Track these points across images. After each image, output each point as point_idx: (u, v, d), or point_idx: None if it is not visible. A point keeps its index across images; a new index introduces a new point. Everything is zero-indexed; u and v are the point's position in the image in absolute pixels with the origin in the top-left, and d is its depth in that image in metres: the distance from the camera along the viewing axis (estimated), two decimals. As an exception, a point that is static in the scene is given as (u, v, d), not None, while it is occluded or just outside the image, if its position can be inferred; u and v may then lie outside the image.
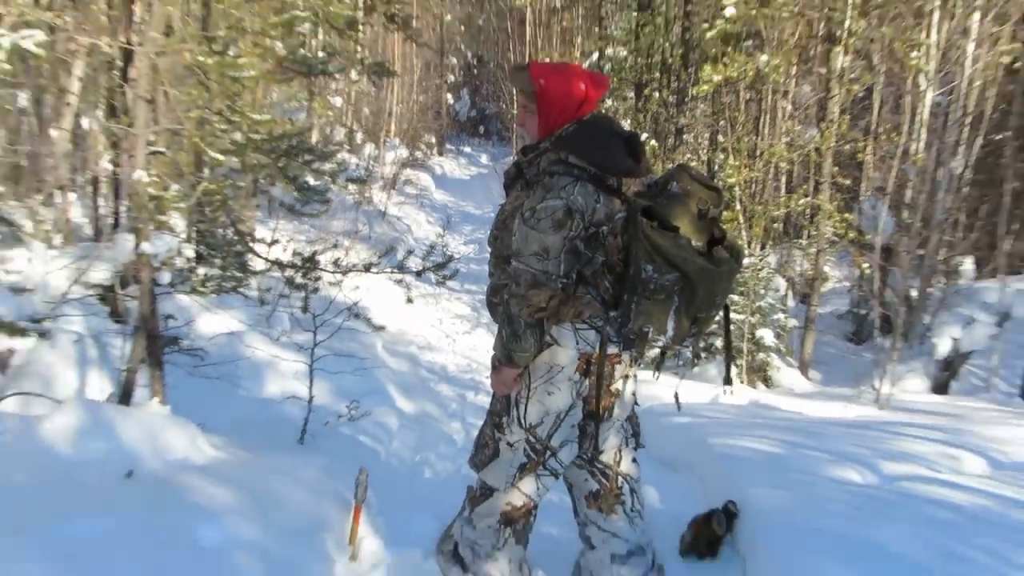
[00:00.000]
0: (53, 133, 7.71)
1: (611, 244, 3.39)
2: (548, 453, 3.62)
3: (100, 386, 6.34)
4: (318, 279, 5.75)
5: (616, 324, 3.42)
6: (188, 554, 3.45)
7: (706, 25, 12.24)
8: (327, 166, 5.75)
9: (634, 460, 3.83)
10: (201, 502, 3.91)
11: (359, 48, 19.32)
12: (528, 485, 3.69)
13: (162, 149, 5.98)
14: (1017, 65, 12.32)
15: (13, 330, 3.94)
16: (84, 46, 6.30)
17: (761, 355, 9.87)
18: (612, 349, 3.55)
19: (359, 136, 23.13)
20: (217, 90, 5.75)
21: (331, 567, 3.82)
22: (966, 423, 6.59)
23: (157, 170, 5.59)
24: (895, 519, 3.98)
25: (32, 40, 4.15)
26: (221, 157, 5.31)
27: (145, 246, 5.35)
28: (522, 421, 3.60)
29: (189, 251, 6.95)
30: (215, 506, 3.88)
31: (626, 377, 3.69)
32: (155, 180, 5.46)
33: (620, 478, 3.75)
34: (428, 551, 4.21)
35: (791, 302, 11.98)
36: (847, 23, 11.50)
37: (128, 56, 5.89)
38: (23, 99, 8.01)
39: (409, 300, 10.61)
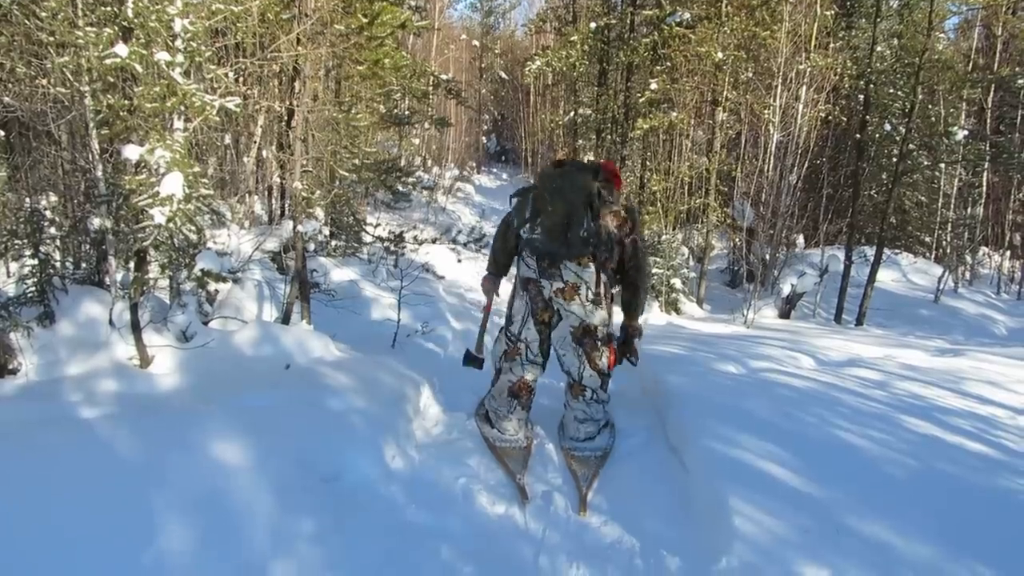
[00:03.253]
0: (244, 160, 7.59)
1: None
2: (519, 339, 3.68)
3: (270, 313, 6.26)
4: (404, 248, 5.64)
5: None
6: (323, 416, 3.37)
7: (639, 95, 12.03)
8: (410, 179, 5.63)
9: (593, 369, 3.65)
10: (331, 384, 3.83)
11: (430, 109, 19.19)
12: (516, 369, 3.74)
13: (310, 169, 5.87)
14: (829, 118, 12.11)
15: (219, 278, 3.87)
16: (264, 107, 6.16)
17: (673, 295, 9.74)
18: (531, 275, 3.54)
19: (429, 162, 23.06)
20: (344, 134, 5.63)
21: (410, 424, 3.72)
22: (801, 336, 6.49)
23: (307, 182, 5.50)
24: (757, 396, 3.88)
25: (233, 103, 4.00)
26: (346, 174, 5.19)
27: (299, 228, 5.25)
28: (507, 321, 3.77)
29: (326, 230, 6.85)
30: (339, 386, 3.80)
31: (560, 303, 3.51)
32: (306, 188, 5.35)
33: (584, 382, 3.68)
34: (469, 414, 4.13)
35: (691, 262, 11.83)
36: (724, 93, 11.28)
37: (290, 113, 5.78)
38: (227, 138, 7.95)
39: (459, 260, 10.49)
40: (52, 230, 4.99)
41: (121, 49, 3.62)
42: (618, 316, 3.83)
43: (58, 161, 5.33)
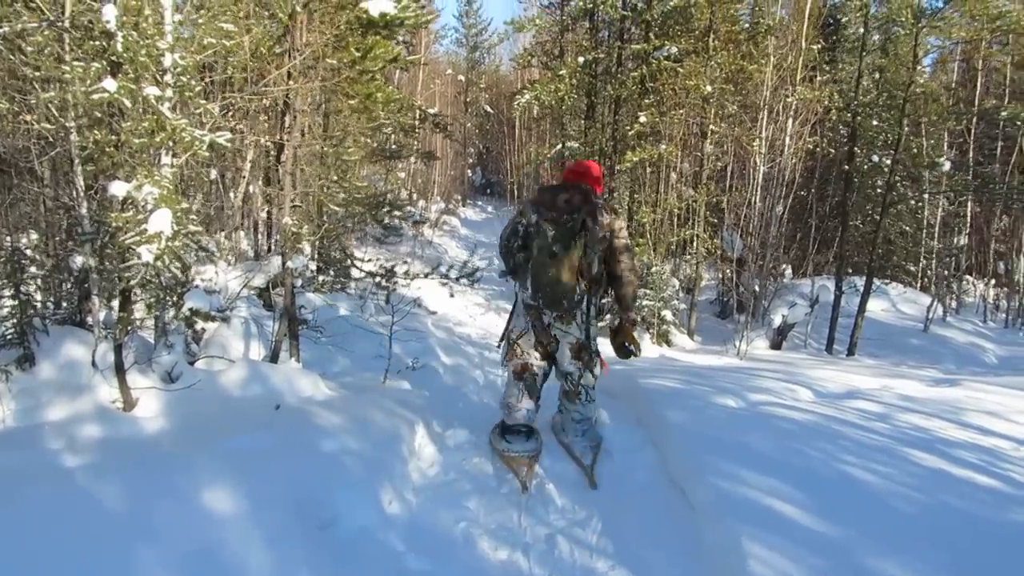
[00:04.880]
0: (231, 195, 7.52)
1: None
2: (515, 343, 4.12)
3: (258, 350, 6.14)
4: (396, 283, 5.57)
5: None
6: (317, 459, 3.27)
7: (628, 128, 12.12)
8: (400, 213, 5.59)
9: (590, 375, 4.12)
10: (323, 424, 3.73)
11: (416, 143, 19.27)
12: (516, 360, 4.13)
13: (299, 204, 5.82)
14: (816, 149, 12.25)
15: (208, 317, 3.78)
16: (253, 142, 6.12)
17: (664, 327, 9.70)
18: (528, 296, 3.96)
19: (415, 195, 23.12)
20: (333, 168, 5.59)
21: (405, 466, 3.62)
22: (796, 368, 6.42)
23: (296, 217, 5.44)
24: (759, 430, 3.80)
25: (224, 138, 3.96)
26: (336, 208, 5.13)
27: (288, 263, 5.17)
28: (508, 329, 4.21)
29: (313, 265, 6.78)
30: (331, 427, 3.71)
31: (562, 330, 4.02)
32: (295, 223, 5.29)
33: (580, 386, 4.11)
34: (467, 455, 4.04)
35: (681, 293, 11.83)
36: (711, 125, 11.40)
37: (280, 148, 5.73)
38: (213, 173, 7.89)
39: (451, 295, 10.44)
40: (33, 269, 4.89)
41: (109, 84, 3.57)
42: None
43: (40, 198, 5.24)
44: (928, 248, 15.74)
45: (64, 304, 4.93)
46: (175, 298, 3.75)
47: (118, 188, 3.72)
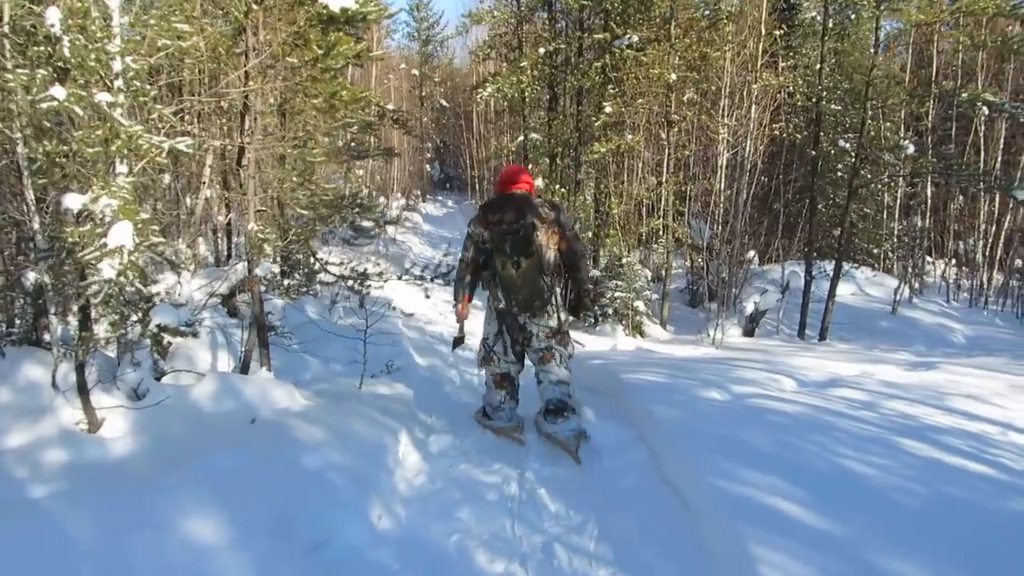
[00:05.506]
0: (189, 201, 7.27)
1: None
2: (491, 350, 4.52)
3: (227, 361, 5.94)
4: (369, 286, 5.44)
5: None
6: (300, 476, 3.14)
7: (594, 118, 12.08)
8: (372, 214, 5.45)
9: (561, 344, 4.43)
10: (303, 438, 3.61)
11: (376, 139, 19.07)
12: (493, 368, 4.55)
13: (264, 208, 5.64)
14: (782, 135, 12.34)
15: (176, 332, 3.60)
16: (211, 146, 5.90)
17: (637, 318, 9.69)
18: (502, 306, 4.36)
19: (375, 193, 22.86)
20: (297, 170, 5.43)
21: (392, 477, 3.52)
22: (775, 356, 6.44)
23: (261, 222, 5.28)
24: (751, 425, 3.77)
25: (184, 143, 3.78)
26: (302, 211, 4.98)
27: (257, 271, 5.01)
28: (484, 335, 4.60)
29: (276, 268, 6.61)
30: (312, 440, 3.59)
31: (533, 322, 4.37)
32: (260, 228, 5.12)
33: (553, 350, 4.40)
34: (453, 461, 3.95)
35: (652, 283, 11.84)
36: (675, 113, 11.42)
37: (241, 151, 5.55)
38: (167, 179, 7.61)
39: (427, 296, 10.30)
40: None
41: (58, 91, 3.38)
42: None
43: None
44: (889, 230, 16.02)
45: (18, 323, 4.69)
46: (140, 314, 3.58)
47: (72, 201, 3.53)
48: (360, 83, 23.08)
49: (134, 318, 3.58)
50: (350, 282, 5.31)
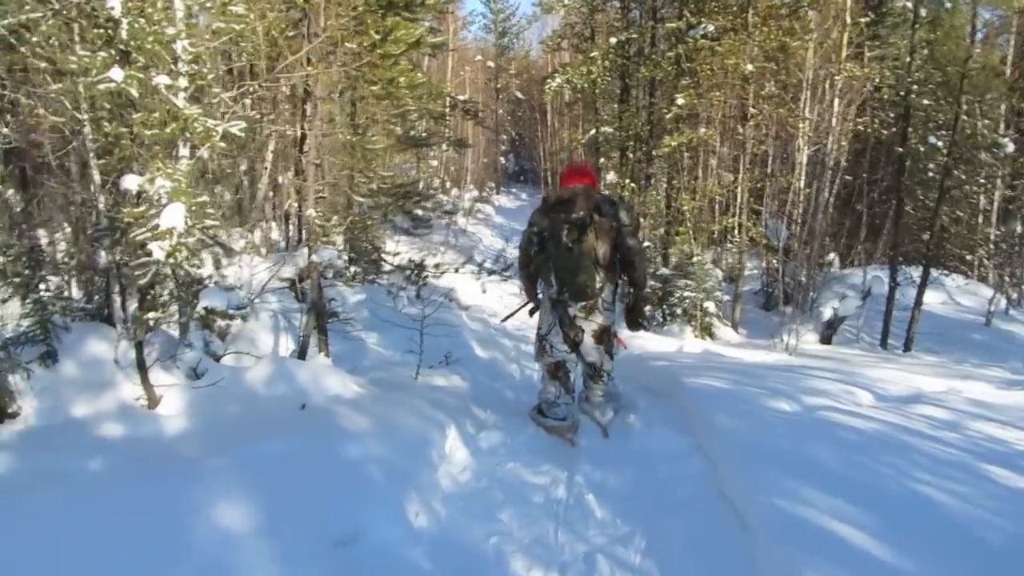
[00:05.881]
0: (259, 187, 7.37)
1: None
2: (545, 340, 4.52)
3: (287, 345, 6.00)
4: (426, 277, 5.39)
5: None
6: (339, 468, 3.08)
7: (665, 111, 11.76)
8: (429, 204, 5.40)
9: (609, 357, 4.56)
10: (348, 427, 3.55)
11: (447, 130, 19.16)
12: (547, 359, 4.56)
13: (324, 195, 5.66)
14: (867, 130, 11.73)
15: (225, 316, 3.61)
16: (274, 131, 5.95)
17: (707, 319, 9.38)
18: (553, 292, 4.36)
19: (448, 183, 23.03)
20: (359, 157, 5.41)
21: (435, 472, 3.43)
22: (852, 366, 6.06)
23: (321, 209, 5.29)
24: (819, 440, 3.51)
25: (237, 127, 3.78)
26: (361, 199, 4.95)
27: (313, 257, 5.02)
28: (538, 328, 4.61)
29: (344, 256, 6.63)
30: (357, 430, 3.53)
31: (586, 320, 4.35)
32: (320, 215, 5.13)
33: (601, 371, 4.54)
34: (501, 460, 3.84)
35: (724, 284, 11.46)
36: (752, 106, 11.00)
37: (303, 137, 5.57)
38: (244, 165, 7.74)
39: (483, 291, 10.22)
40: (69, 261, 4.80)
41: (116, 73, 3.41)
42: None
43: (62, 195, 5.14)
44: (985, 235, 15.10)
45: (96, 298, 4.83)
46: (189, 297, 3.59)
47: (130, 182, 3.58)
48: (435, 74, 23.23)
49: (185, 300, 3.59)
50: (407, 272, 5.24)
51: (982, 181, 12.01)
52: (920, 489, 2.94)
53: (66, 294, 4.71)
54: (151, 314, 3.45)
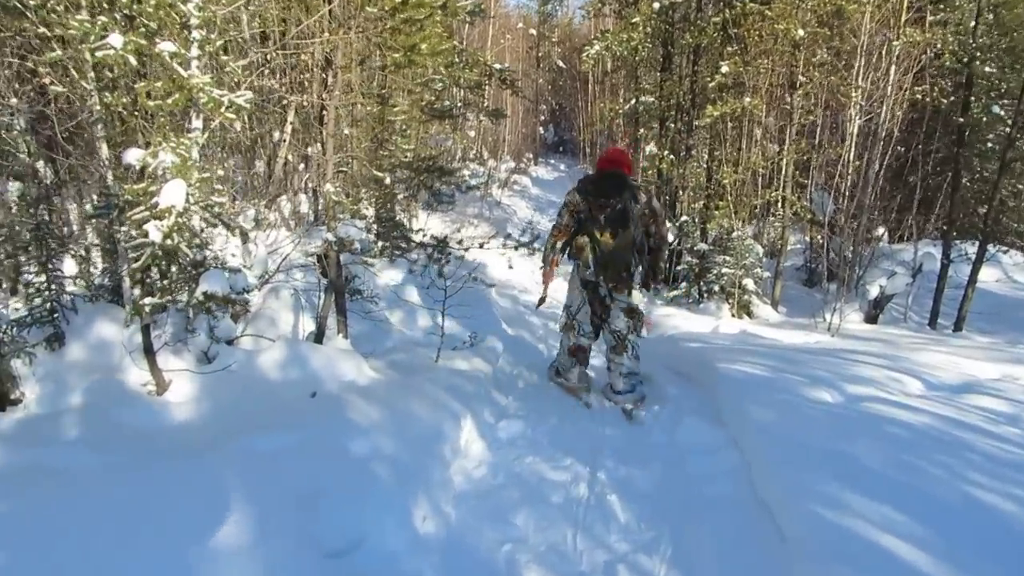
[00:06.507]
0: (278, 159, 7.17)
1: None
2: (574, 319, 4.82)
3: (306, 325, 5.85)
4: (449, 254, 5.17)
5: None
6: (343, 466, 2.89)
7: (708, 79, 11.28)
8: (452, 179, 5.16)
9: (635, 332, 4.72)
10: (357, 419, 3.36)
11: (484, 100, 18.83)
12: (572, 337, 4.85)
13: (344, 169, 5.46)
14: (926, 99, 11.10)
15: (227, 301, 3.44)
16: (293, 101, 5.74)
17: (745, 297, 9.03)
18: (588, 273, 4.65)
19: (485, 154, 22.74)
20: (379, 129, 5.19)
21: (447, 468, 3.24)
22: (899, 350, 5.70)
23: (339, 184, 5.10)
24: (864, 437, 3.22)
25: (244, 98, 3.57)
26: (379, 174, 4.73)
27: (329, 236, 4.84)
28: (568, 304, 4.90)
29: (364, 233, 6.44)
30: (366, 422, 3.34)
31: (614, 296, 4.67)
32: (338, 190, 4.93)
33: (627, 341, 4.69)
34: (520, 453, 3.64)
35: (764, 260, 11.03)
36: (802, 74, 10.47)
37: (322, 108, 5.36)
38: (276, 134, 7.52)
39: (510, 267, 9.97)
40: (91, 237, 4.68)
41: (115, 39, 3.22)
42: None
43: (86, 167, 5.02)
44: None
45: (107, 279, 4.72)
46: (189, 281, 3.43)
47: (132, 156, 3.40)
48: (475, 43, 22.79)
49: (182, 284, 3.42)
50: (429, 250, 5.03)
51: None
52: (978, 495, 2.67)
53: (85, 271, 4.61)
54: (148, 299, 3.28)
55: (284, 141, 5.95)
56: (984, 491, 2.70)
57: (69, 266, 4.72)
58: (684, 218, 11.27)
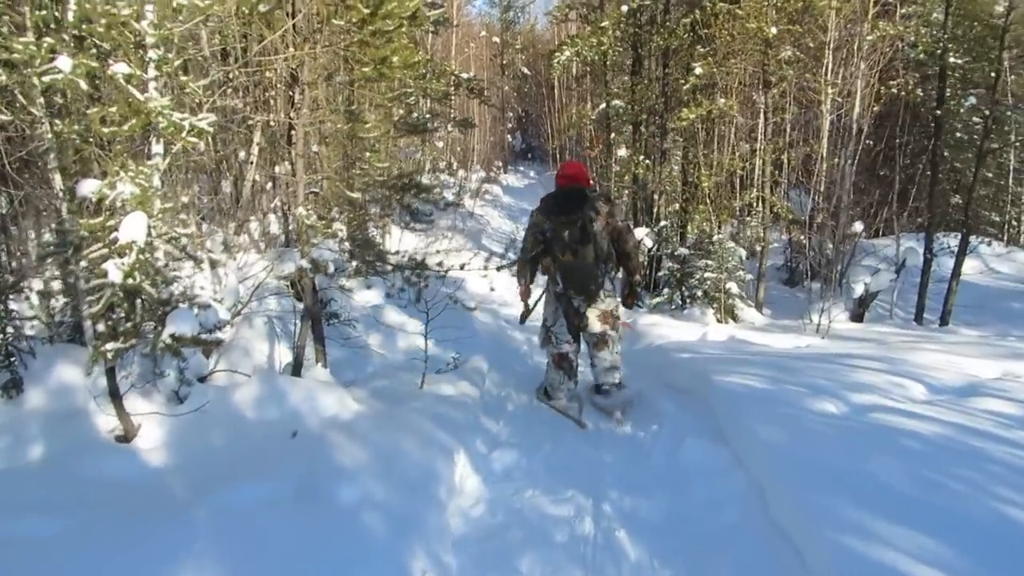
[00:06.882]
0: (245, 183, 6.90)
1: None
2: (551, 331, 4.97)
3: (283, 354, 5.60)
4: (427, 277, 4.98)
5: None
6: (330, 516, 2.68)
7: (681, 80, 11.21)
8: (431, 196, 4.97)
9: (614, 330, 4.85)
10: (342, 461, 3.16)
11: (451, 110, 18.67)
12: (552, 348, 4.97)
13: (317, 191, 5.24)
14: (901, 93, 11.14)
15: (197, 342, 3.20)
16: (258, 121, 5.50)
17: (730, 300, 8.91)
18: (559, 289, 4.80)
19: (455, 165, 22.58)
20: (351, 147, 4.99)
21: (443, 512, 3.03)
22: (893, 351, 5.58)
23: (311, 206, 4.87)
24: (880, 452, 3.08)
25: (205, 121, 3.35)
26: (353, 195, 4.52)
27: (303, 262, 4.62)
28: (544, 319, 5.06)
29: (337, 255, 6.21)
30: (352, 464, 3.13)
31: (589, 308, 4.78)
32: (310, 213, 4.71)
33: (607, 337, 4.82)
34: (518, 486, 3.45)
35: (745, 260, 10.92)
36: (773, 72, 10.44)
37: (290, 127, 5.14)
38: (242, 153, 7.24)
39: (492, 289, 9.79)
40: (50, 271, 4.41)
41: (64, 63, 2.99)
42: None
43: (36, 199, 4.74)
44: (1016, 195, 14.51)
45: (70, 316, 4.45)
46: (153, 323, 3.19)
47: (88, 187, 3.16)
48: (439, 53, 22.60)
49: (146, 326, 3.19)
50: (407, 273, 4.82)
51: (1009, 140, 11.36)
52: (1008, 512, 2.54)
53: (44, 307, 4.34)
54: (111, 344, 3.04)
55: (251, 162, 5.71)
56: (1013, 507, 2.57)
57: (27, 303, 4.45)
58: (663, 223, 11.15)
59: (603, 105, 14.77)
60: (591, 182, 5.13)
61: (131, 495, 3.11)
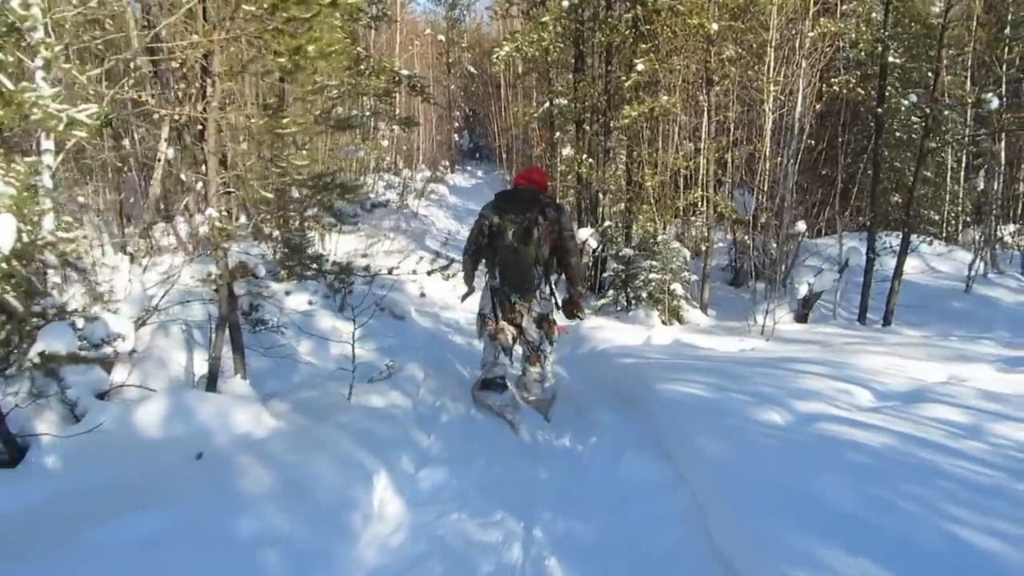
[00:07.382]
0: (152, 182, 6.48)
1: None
2: (485, 318, 5.06)
3: (201, 367, 5.23)
4: (351, 283, 4.69)
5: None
6: (224, 552, 2.39)
7: (624, 77, 11.09)
8: (355, 196, 4.67)
9: (549, 342, 5.05)
10: (247, 488, 2.87)
11: (394, 108, 18.30)
12: (492, 327, 5.02)
13: (232, 190, 4.90)
14: (844, 91, 11.20)
15: (75, 359, 2.87)
16: (167, 115, 5.12)
17: (675, 302, 8.81)
18: (496, 283, 4.95)
19: (400, 163, 22.20)
20: (267, 143, 4.67)
21: (356, 544, 2.77)
22: (838, 354, 5.49)
23: (225, 208, 4.55)
24: (826, 469, 2.92)
25: (86, 113, 3.02)
26: (269, 195, 4.21)
27: (213, 268, 4.29)
28: (480, 309, 5.15)
29: (277, 255, 5.87)
30: (258, 492, 2.85)
31: (522, 304, 4.93)
32: (223, 215, 4.39)
33: (539, 350, 5.00)
34: (444, 508, 3.20)
35: (690, 261, 10.86)
36: (716, 70, 10.39)
37: (200, 122, 4.78)
38: (171, 151, 6.79)
39: (423, 295, 9.50)
40: None
41: (-85, 47, 2.64)
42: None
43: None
44: (953, 194, 14.79)
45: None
46: (19, 340, 2.85)
47: (-51, 188, 2.81)
48: (383, 49, 22.18)
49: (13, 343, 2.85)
50: (331, 278, 4.53)
51: (971, 137, 11.53)
52: (961, 534, 2.40)
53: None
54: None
55: (159, 160, 5.33)
56: (966, 528, 2.42)
57: None
58: (607, 223, 11.01)
59: (547, 104, 14.62)
60: (548, 188, 5.27)
61: (11, 532, 2.76)
